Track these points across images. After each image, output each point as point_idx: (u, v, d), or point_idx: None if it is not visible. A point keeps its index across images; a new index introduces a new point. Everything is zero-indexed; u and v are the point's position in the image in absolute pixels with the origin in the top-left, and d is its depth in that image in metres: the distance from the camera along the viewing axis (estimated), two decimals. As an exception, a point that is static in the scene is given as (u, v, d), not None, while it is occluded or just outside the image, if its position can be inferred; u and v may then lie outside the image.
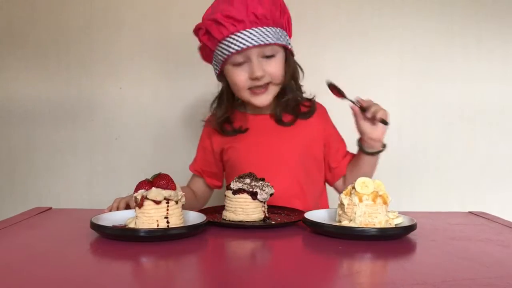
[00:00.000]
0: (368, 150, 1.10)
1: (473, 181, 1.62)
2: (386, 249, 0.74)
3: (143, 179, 0.81)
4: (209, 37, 1.06)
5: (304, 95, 1.18)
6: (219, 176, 1.23)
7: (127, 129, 1.63)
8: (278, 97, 1.13)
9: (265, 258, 0.73)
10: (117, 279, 0.59)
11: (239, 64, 1.05)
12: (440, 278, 0.58)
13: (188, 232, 0.78)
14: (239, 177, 0.92)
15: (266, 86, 1.08)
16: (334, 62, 1.60)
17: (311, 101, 1.18)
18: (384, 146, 1.10)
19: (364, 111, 1.04)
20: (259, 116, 1.16)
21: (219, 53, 1.06)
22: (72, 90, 1.62)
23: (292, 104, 1.14)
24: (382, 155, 1.17)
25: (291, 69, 1.12)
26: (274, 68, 1.06)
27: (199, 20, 1.09)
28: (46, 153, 1.63)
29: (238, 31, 1.01)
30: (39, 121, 1.62)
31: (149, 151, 1.62)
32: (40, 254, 0.70)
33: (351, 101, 1.05)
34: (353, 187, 0.82)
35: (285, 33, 1.09)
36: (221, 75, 1.12)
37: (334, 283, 0.59)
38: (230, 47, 1.02)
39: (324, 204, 1.21)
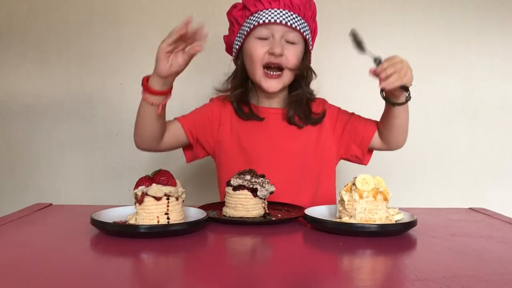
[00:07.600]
0: (393, 101, 1.01)
1: (474, 178, 1.62)
2: (387, 245, 0.74)
3: (143, 175, 0.81)
4: (243, 11, 1.13)
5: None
6: (202, 150, 1.18)
7: (127, 125, 1.61)
8: (288, 91, 1.18)
9: (265, 254, 0.73)
10: (118, 275, 0.59)
11: (262, 39, 1.11)
12: (440, 274, 0.58)
13: (188, 228, 0.79)
14: (240, 174, 0.92)
15: (281, 72, 1.12)
16: (334, 58, 1.59)
17: (322, 111, 1.18)
18: (408, 96, 0.99)
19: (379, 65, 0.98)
20: (270, 110, 1.18)
21: (247, 25, 1.12)
22: (72, 86, 1.62)
23: (303, 101, 1.16)
24: (382, 153, 1.17)
25: (305, 65, 1.16)
26: (293, 54, 1.11)
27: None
28: (46, 149, 1.63)
29: (272, 8, 1.09)
30: (39, 117, 1.62)
31: (150, 147, 1.62)
32: (40, 250, 0.70)
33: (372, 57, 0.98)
34: (354, 184, 0.82)
35: (310, 33, 1.15)
36: (239, 54, 1.16)
37: (334, 279, 0.59)
38: (260, 18, 1.09)
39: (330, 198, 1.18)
